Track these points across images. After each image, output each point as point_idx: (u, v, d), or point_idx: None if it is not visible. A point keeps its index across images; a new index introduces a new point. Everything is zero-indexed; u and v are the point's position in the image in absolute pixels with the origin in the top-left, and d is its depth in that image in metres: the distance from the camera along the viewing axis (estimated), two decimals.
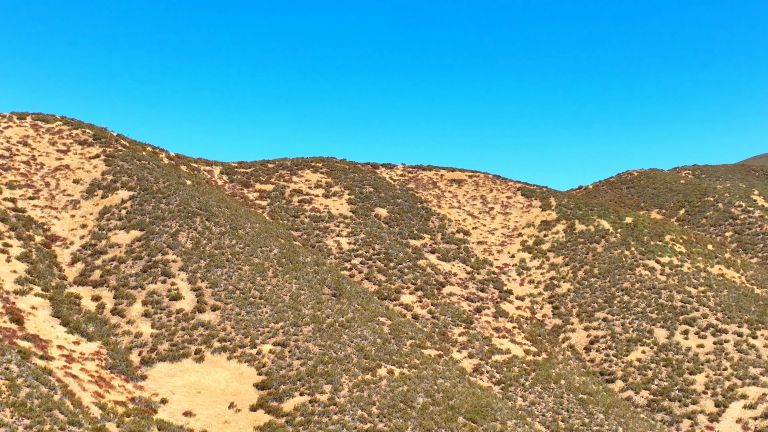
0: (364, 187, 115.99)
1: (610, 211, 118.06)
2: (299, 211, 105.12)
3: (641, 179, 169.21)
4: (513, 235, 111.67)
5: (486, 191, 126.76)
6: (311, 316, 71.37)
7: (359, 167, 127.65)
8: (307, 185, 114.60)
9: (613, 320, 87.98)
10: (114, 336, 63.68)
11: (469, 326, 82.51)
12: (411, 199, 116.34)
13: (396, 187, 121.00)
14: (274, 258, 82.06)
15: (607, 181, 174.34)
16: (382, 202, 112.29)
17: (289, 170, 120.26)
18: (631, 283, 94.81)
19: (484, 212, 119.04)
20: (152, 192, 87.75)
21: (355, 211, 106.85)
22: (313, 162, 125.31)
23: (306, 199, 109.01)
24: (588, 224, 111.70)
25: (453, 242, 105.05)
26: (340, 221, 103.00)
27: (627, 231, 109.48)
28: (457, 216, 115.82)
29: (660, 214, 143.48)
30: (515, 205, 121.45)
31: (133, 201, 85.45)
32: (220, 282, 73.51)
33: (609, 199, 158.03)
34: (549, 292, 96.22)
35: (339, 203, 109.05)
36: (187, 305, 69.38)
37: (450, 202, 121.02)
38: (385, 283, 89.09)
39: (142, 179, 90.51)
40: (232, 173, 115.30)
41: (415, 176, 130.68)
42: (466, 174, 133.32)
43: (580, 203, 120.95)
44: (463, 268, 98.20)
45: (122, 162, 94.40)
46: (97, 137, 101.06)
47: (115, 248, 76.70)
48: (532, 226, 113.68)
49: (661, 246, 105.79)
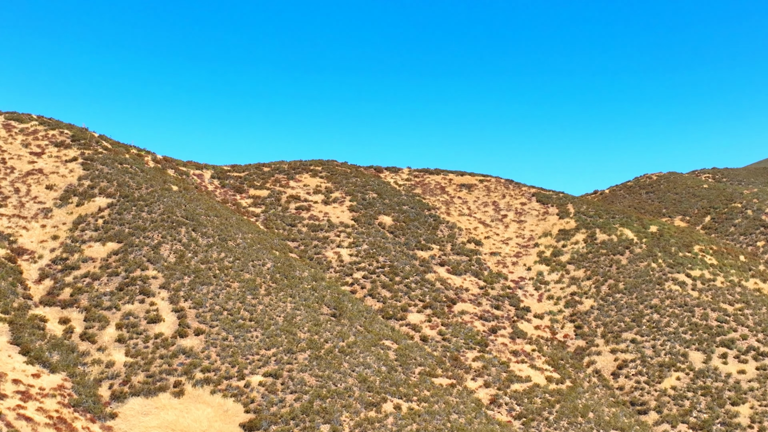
0: (366, 193, 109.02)
1: (633, 219, 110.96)
2: (296, 219, 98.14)
3: (661, 183, 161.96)
4: (529, 245, 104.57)
5: (498, 197, 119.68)
6: (308, 340, 64.39)
7: (362, 171, 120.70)
8: (305, 191, 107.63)
9: (642, 342, 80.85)
10: (82, 366, 56.73)
11: (483, 349, 75.48)
12: (418, 205, 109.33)
13: (401, 192, 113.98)
14: (267, 273, 75.14)
15: (625, 186, 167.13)
16: (387, 209, 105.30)
17: (286, 174, 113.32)
18: (660, 299, 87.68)
19: (497, 220, 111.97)
20: (133, 199, 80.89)
21: (357, 219, 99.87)
22: (312, 165, 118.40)
23: (304, 206, 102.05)
24: (610, 234, 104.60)
25: (464, 253, 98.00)
26: (341, 230, 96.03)
27: (653, 241, 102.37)
28: (468, 224, 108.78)
29: (684, 222, 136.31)
30: (530, 212, 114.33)
31: (111, 209, 78.59)
32: (206, 301, 66.59)
33: (628, 204, 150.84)
34: (570, 310, 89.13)
35: (340, 210, 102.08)
36: (167, 329, 62.44)
37: (460, 209, 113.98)
38: (391, 300, 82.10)
39: (122, 185, 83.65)
40: (224, 177, 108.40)
41: (422, 180, 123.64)
42: (476, 178, 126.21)
43: (601, 210, 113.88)
44: (476, 283, 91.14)
45: (102, 166, 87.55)
46: (75, 139, 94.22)
47: (89, 263, 69.80)
48: (549, 235, 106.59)
49: (691, 258, 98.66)
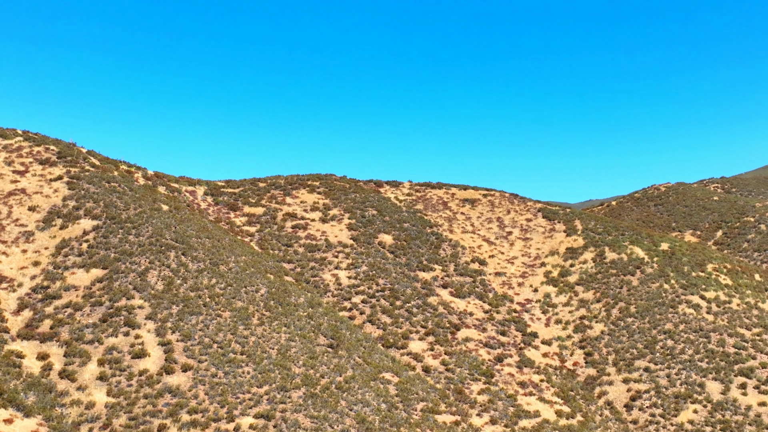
0: (366, 210, 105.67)
1: (644, 236, 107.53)
2: (293, 238, 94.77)
3: (669, 195, 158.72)
4: (535, 264, 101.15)
5: (503, 212, 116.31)
6: (303, 376, 61.00)
7: (361, 185, 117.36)
8: (302, 207, 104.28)
9: (656, 370, 77.39)
10: (60, 407, 53.33)
11: (489, 380, 72.01)
12: (419, 222, 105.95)
13: (402, 208, 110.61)
14: (260, 300, 71.76)
15: (632, 197, 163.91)
16: (387, 226, 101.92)
17: (282, 190, 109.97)
18: (674, 324, 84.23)
19: (502, 237, 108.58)
20: (120, 221, 77.53)
21: (356, 239, 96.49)
22: (310, 180, 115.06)
23: (300, 224, 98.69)
24: (620, 252, 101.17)
25: (467, 274, 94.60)
26: (339, 251, 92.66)
27: (664, 260, 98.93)
28: (471, 242, 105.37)
29: (695, 236, 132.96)
30: (536, 229, 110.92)
31: (97, 232, 75.23)
32: (194, 333, 63.21)
33: (636, 218, 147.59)
34: (579, 335, 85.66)
35: (338, 229, 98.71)
36: (153, 365, 59.05)
37: (463, 226, 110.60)
38: (391, 327, 78.69)
39: (109, 205, 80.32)
40: (218, 194, 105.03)
41: (424, 195, 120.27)
42: (479, 193, 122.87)
43: (609, 227, 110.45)
44: (480, 306, 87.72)
45: (88, 185, 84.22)
46: (62, 155, 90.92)
47: (72, 291, 66.42)
48: (557, 254, 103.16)
49: (704, 278, 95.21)
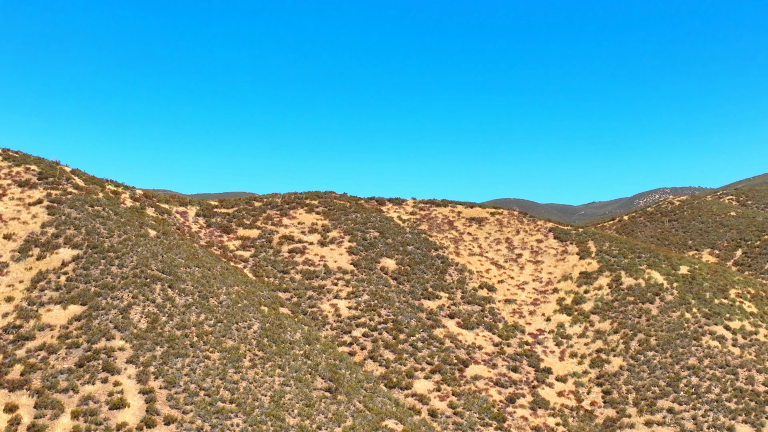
0: (367, 231, 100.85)
1: (661, 259, 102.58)
2: (289, 264, 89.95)
3: (684, 210, 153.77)
4: (547, 290, 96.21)
5: (512, 233, 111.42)
6: (297, 427, 56.14)
7: (362, 204, 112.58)
8: (299, 229, 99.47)
9: (681, 411, 72.44)
10: None
11: (501, 425, 67.11)
12: (424, 245, 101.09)
13: (406, 229, 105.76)
14: (253, 338, 66.93)
15: (645, 212, 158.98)
16: (390, 250, 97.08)
17: (279, 210, 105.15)
18: (698, 358, 79.28)
19: (511, 260, 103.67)
20: (103, 250, 72.76)
21: (356, 264, 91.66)
22: (308, 199, 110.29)
23: (298, 248, 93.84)
24: (637, 277, 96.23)
25: (475, 302, 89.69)
26: (339, 278, 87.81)
27: (685, 286, 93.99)
28: (479, 266, 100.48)
29: (713, 255, 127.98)
30: (547, 251, 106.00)
31: (77, 263, 70.44)
32: (180, 379, 58.36)
33: (650, 234, 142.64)
34: (597, 370, 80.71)
35: (337, 253, 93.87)
36: (133, 417, 54.20)
37: (470, 248, 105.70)
38: (394, 364, 73.80)
39: (92, 232, 75.56)
40: (211, 215, 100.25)
41: (428, 214, 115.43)
42: (487, 211, 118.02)
43: (625, 248, 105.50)
44: (490, 338, 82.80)
45: (69, 209, 79.49)
46: (43, 176, 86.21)
47: (47, 331, 61.61)
48: (570, 278, 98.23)
49: (728, 305, 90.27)
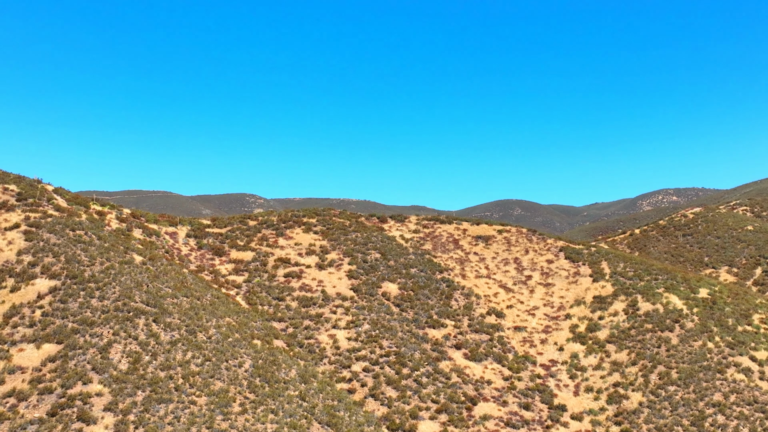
0: (368, 253, 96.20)
1: (679, 281, 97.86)
2: (285, 290, 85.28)
3: (699, 224, 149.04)
4: (559, 316, 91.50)
5: (520, 252, 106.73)
6: None
7: (363, 223, 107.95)
8: (296, 251, 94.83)
9: None
10: None
11: None
12: (428, 267, 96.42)
13: (409, 250, 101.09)
14: (244, 378, 62.27)
15: (657, 225, 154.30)
16: (392, 273, 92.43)
17: (275, 229, 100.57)
18: (724, 394, 74.55)
19: (520, 282, 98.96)
20: (83, 280, 68.14)
21: (356, 289, 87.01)
22: (305, 216, 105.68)
23: (294, 271, 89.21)
24: (654, 301, 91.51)
25: (483, 330, 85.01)
26: (338, 305, 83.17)
27: (705, 311, 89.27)
28: (487, 289, 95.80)
29: (731, 274, 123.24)
30: (558, 272, 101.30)
31: (54, 296, 65.81)
32: (162, 429, 53.68)
33: (663, 250, 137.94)
34: (614, 407, 75.95)
35: (336, 277, 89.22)
36: None
37: (476, 269, 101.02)
38: (397, 403, 69.10)
39: (71, 260, 70.95)
40: (202, 235, 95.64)
41: (432, 232, 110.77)
42: (494, 228, 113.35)
43: (641, 270, 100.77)
44: (499, 372, 78.11)
45: (49, 234, 74.90)
46: (22, 197, 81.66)
47: (18, 375, 56.98)
48: (583, 303, 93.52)
49: (752, 333, 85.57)
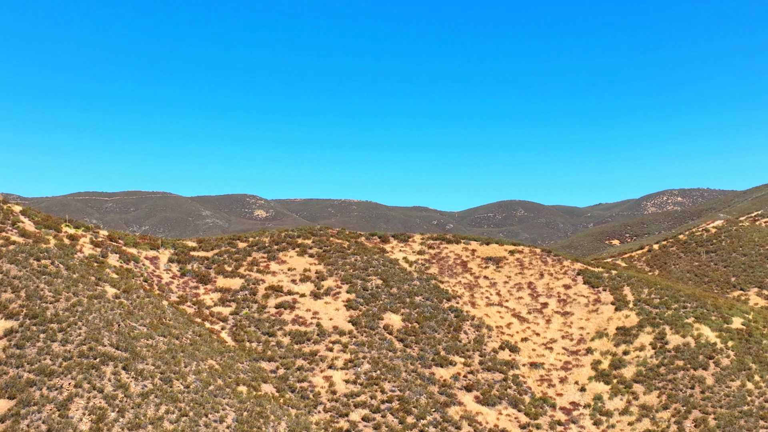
0: (369, 279, 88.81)
1: (710, 308, 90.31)
2: (276, 323, 77.88)
3: (722, 239, 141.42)
4: (579, 350, 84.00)
5: (534, 276, 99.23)
6: None
7: (363, 243, 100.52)
8: (290, 277, 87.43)
9: None
10: None
11: None
12: (434, 294, 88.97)
13: (413, 274, 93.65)
14: None
15: (677, 240, 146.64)
16: (395, 302, 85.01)
17: (267, 252, 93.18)
18: None
19: (535, 311, 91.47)
20: (44, 320, 60.78)
21: (356, 321, 79.61)
22: (300, 237, 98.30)
23: (287, 301, 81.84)
24: (684, 333, 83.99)
25: (496, 368, 77.55)
26: (335, 340, 75.76)
27: (741, 345, 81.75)
28: (499, 319, 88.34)
29: (761, 297, 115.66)
30: (577, 299, 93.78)
31: (9, 340, 58.46)
32: None
33: (686, 269, 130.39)
34: None
35: (333, 308, 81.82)
36: None
37: (487, 295, 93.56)
38: None
39: (33, 296, 63.62)
40: (186, 260, 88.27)
41: (438, 253, 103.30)
42: (505, 249, 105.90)
43: (667, 296, 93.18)
44: (515, 418, 70.63)
45: (10, 265, 67.59)
46: None
47: None
48: (605, 335, 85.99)
49: None
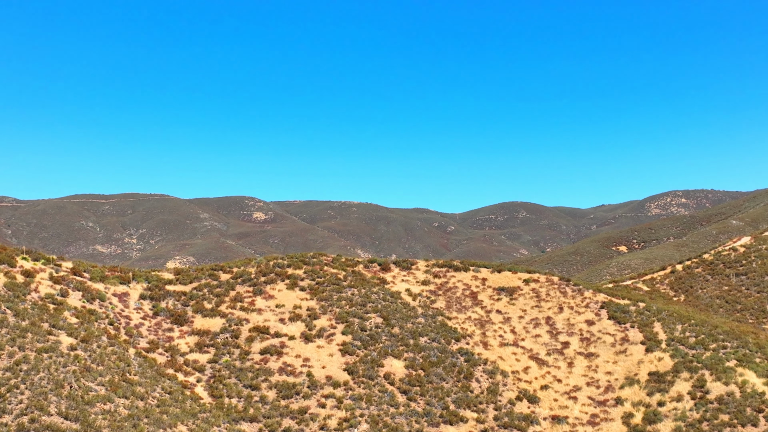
0: (367, 316, 79.54)
1: (753, 349, 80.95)
2: (261, 373, 68.54)
3: (752, 260, 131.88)
4: (607, 400, 74.59)
5: (553, 309, 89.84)
6: None
7: (361, 273, 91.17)
8: (277, 316, 78.15)
9: None
10: None
11: None
12: (441, 333, 79.66)
13: (417, 310, 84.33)
14: None
15: (703, 261, 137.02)
16: (397, 344, 75.72)
17: (252, 285, 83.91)
18: None
19: (556, 352, 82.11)
20: None
21: (352, 370, 70.28)
22: (291, 266, 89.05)
23: (274, 346, 72.55)
24: (727, 380, 74.60)
25: (513, 424, 68.14)
26: (328, 394, 66.44)
27: None
28: (515, 362, 79.02)
29: None
30: (602, 338, 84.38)
31: None
32: None
33: (715, 294, 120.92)
34: None
35: (327, 353, 72.51)
36: None
37: (501, 333, 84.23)
38: None
39: None
40: (161, 296, 78.97)
41: (445, 283, 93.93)
42: (519, 277, 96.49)
43: (703, 334, 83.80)
44: None
45: None
46: None
47: None
48: (636, 383, 76.57)
49: None
